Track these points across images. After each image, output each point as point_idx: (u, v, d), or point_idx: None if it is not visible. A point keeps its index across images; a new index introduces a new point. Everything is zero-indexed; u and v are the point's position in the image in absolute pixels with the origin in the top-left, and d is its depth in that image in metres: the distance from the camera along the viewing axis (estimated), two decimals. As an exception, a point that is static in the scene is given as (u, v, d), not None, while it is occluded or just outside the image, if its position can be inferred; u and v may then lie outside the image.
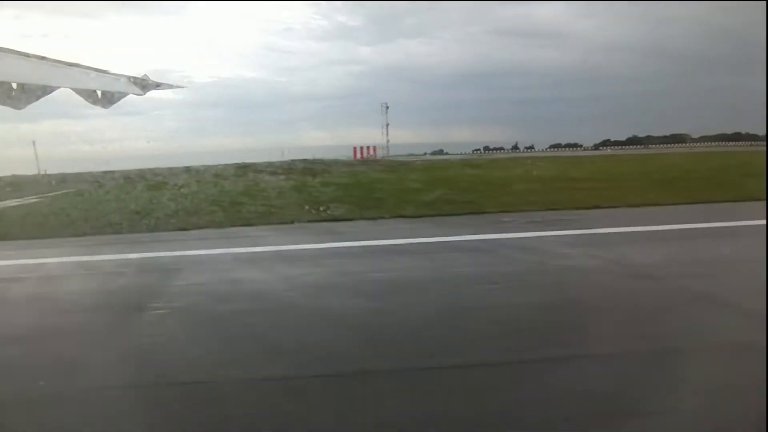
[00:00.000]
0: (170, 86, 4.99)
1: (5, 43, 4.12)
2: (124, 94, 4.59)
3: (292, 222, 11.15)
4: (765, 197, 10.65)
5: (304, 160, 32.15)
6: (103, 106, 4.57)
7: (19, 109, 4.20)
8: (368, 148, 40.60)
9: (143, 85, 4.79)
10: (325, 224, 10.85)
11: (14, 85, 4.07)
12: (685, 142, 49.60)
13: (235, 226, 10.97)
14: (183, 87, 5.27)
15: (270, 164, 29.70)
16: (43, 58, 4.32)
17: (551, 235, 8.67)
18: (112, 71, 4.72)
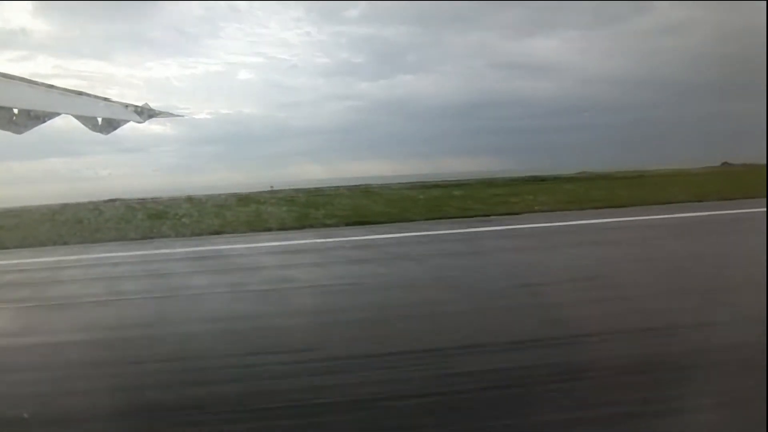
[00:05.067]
0: (169, 114, 5.08)
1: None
2: (125, 122, 4.67)
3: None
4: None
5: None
6: (104, 133, 4.63)
7: (20, 133, 4.24)
8: None
9: (143, 113, 4.87)
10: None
11: (15, 111, 4.13)
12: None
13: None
14: (182, 116, 5.36)
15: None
16: (45, 85, 4.41)
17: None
18: (113, 99, 4.80)
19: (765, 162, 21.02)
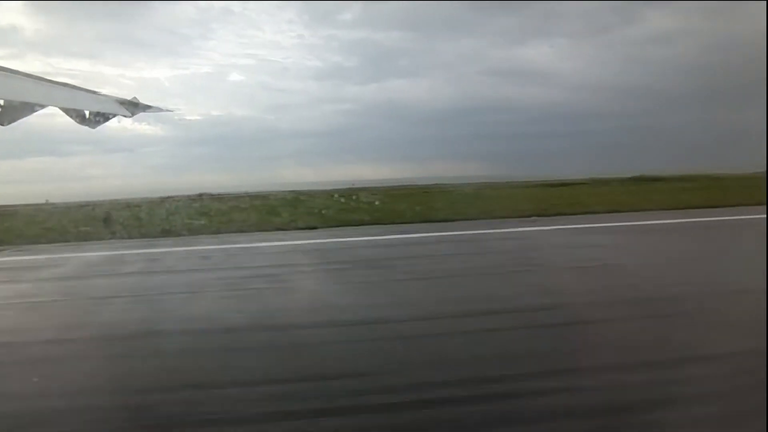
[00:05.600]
0: (159, 109, 5.02)
1: None
2: (113, 115, 4.60)
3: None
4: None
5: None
6: (91, 126, 4.57)
7: (4, 125, 4.16)
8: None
9: (132, 107, 4.81)
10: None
11: (2, 102, 4.05)
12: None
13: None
14: (170, 111, 5.30)
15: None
16: (34, 77, 4.33)
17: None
18: (102, 92, 4.74)
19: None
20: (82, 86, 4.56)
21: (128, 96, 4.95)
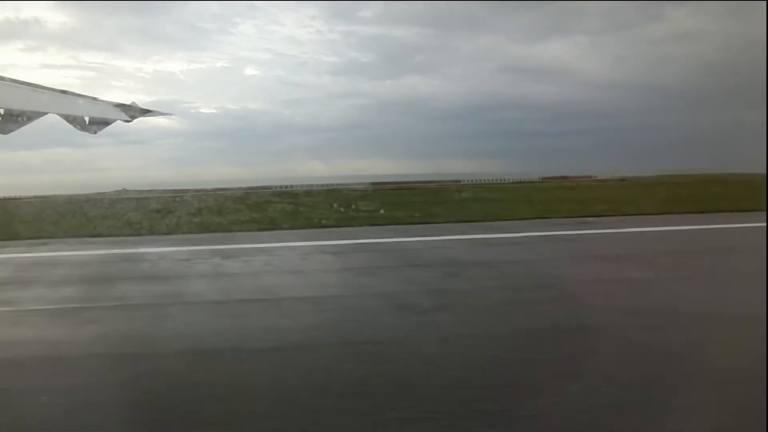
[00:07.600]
0: (160, 113, 5.01)
1: (27, 73, 4.15)
2: (112, 120, 4.60)
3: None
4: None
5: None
6: (91, 132, 4.57)
7: (5, 134, 4.17)
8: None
9: (131, 112, 4.81)
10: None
11: (1, 111, 4.05)
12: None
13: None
14: (172, 114, 5.29)
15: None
16: (31, 85, 4.34)
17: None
18: (101, 98, 4.74)
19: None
20: (101, 83, 4.57)
21: (138, 94, 4.97)
